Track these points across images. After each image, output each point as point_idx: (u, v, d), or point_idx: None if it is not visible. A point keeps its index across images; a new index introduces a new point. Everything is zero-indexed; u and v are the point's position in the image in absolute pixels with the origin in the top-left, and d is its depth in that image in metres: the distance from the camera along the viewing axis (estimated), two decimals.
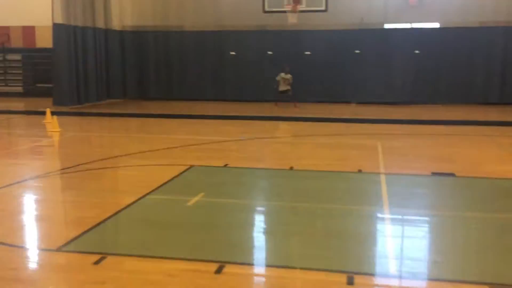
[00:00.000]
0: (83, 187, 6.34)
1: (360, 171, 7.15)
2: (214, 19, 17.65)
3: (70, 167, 7.31)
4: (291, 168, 7.33)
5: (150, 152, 8.55)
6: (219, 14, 17.57)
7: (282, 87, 14.98)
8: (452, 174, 6.90)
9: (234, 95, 17.63)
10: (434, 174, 6.93)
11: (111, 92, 17.63)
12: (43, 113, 13.59)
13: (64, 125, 11.18)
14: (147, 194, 5.89)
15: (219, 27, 17.62)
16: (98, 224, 4.81)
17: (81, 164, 7.45)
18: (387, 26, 16.78)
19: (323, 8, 14.85)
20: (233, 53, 17.65)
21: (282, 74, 14.87)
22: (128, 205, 5.45)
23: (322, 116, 13.21)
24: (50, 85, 18.14)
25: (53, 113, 12.27)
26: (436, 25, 16.41)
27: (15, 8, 19.31)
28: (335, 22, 16.45)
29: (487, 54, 15.87)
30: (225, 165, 7.55)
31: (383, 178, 6.70)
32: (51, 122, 11.57)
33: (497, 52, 15.81)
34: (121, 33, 18.01)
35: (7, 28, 19.59)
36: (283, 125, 12.35)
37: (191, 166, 7.37)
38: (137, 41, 18.25)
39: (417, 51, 16.39)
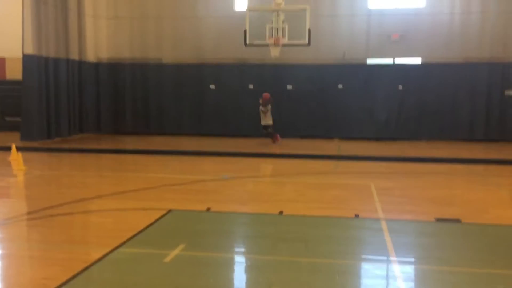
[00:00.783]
0: (45, 237, 5.50)
1: (357, 216, 6.49)
2: (194, 51, 17.14)
3: (33, 212, 6.47)
4: (281, 213, 6.63)
5: (124, 193, 7.75)
6: (200, 46, 17.08)
7: (262, 121, 14.41)
8: (458, 220, 6.29)
9: (214, 129, 17.00)
10: (438, 220, 6.31)
11: (84, 126, 16.80)
12: (9, 149, 12.68)
13: (31, 162, 10.32)
14: (119, 246, 5.10)
15: (199, 60, 17.10)
16: None
17: (46, 209, 6.62)
18: (369, 61, 16.51)
19: (305, 42, 14.45)
20: (213, 86, 17.10)
21: (261, 107, 14.32)
22: (96, 261, 4.65)
23: (307, 152, 12.62)
24: (18, 119, 17.23)
25: (19, 149, 11.40)
26: (419, 60, 16.21)
27: None
28: (318, 56, 16.11)
29: (471, 90, 15.67)
30: (208, 209, 6.81)
31: (384, 225, 6.04)
32: (17, 160, 10.67)
33: (482, 88, 15.62)
34: (96, 65, 17.33)
35: None
36: (267, 162, 11.69)
37: (170, 211, 6.60)
38: (113, 73, 17.57)
39: (400, 87, 16.10)
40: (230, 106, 16.92)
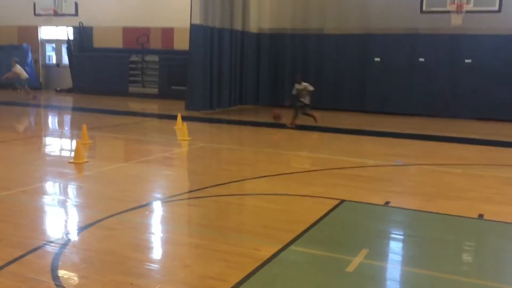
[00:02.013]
0: (208, 222, 5.01)
1: None
2: (358, 21, 15.83)
3: (196, 190, 6.09)
4: (481, 217, 5.34)
5: (285, 175, 7.07)
6: (365, 15, 15.71)
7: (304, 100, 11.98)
8: None
9: (377, 106, 15.66)
10: None
11: (244, 97, 16.70)
12: (174, 117, 12.94)
13: (194, 132, 10.24)
14: (291, 243, 4.37)
15: (363, 29, 15.76)
16: None
17: (209, 187, 6.21)
18: None
19: (495, 8, 12.29)
20: (378, 59, 15.67)
21: (296, 85, 11.92)
22: (267, 260, 3.97)
23: (494, 138, 10.76)
24: (183, 88, 17.79)
25: (184, 119, 11.48)
26: None
27: (155, 9, 19.35)
28: (509, 25, 13.67)
29: None
30: (386, 203, 5.79)
31: None
32: (181, 129, 10.72)
33: None
34: (258, 35, 16.99)
35: (147, 29, 19.71)
36: (443, 147, 10.15)
37: (342, 201, 5.72)
38: (273, 44, 17.11)
39: None
40: (396, 81, 15.39)
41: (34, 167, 7.14)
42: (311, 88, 11.67)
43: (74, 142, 9.08)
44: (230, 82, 15.63)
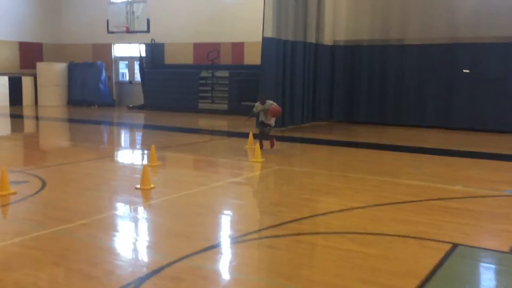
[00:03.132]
0: (291, 273, 4.13)
1: None
2: (445, 29, 14.49)
3: (274, 226, 5.24)
4: None
5: (377, 207, 6.06)
6: (452, 23, 14.35)
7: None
8: None
9: (465, 122, 14.18)
10: None
11: (317, 113, 15.77)
12: (245, 135, 12.26)
13: (266, 153, 9.45)
14: None
15: (450, 39, 14.39)
16: None
17: (288, 223, 5.34)
18: None
19: None
20: (467, 70, 14.22)
21: (257, 104, 10.31)
22: None
23: None
24: (253, 104, 17.15)
25: (255, 137, 10.76)
26: None
27: (226, 24, 18.96)
28: None
29: None
30: None
31: None
32: (253, 149, 9.98)
33: None
34: (333, 48, 16.06)
35: (217, 44, 19.35)
36: None
37: (455, 246, 4.65)
38: (349, 56, 16.10)
39: None
40: (488, 94, 13.87)
41: (98, 194, 6.60)
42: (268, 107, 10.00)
43: (142, 164, 8.56)
44: (302, 97, 14.78)
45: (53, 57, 22.69)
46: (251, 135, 10.80)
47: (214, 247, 4.62)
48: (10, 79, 20.83)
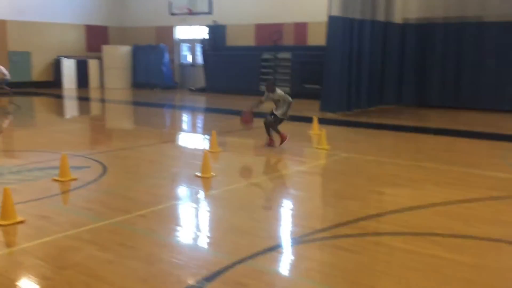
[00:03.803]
0: (370, 284, 3.63)
1: None
2: None
3: (345, 224, 4.74)
4: None
5: (462, 204, 5.39)
6: None
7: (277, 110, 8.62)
8: None
9: None
10: None
11: (384, 96, 14.93)
12: (308, 119, 11.73)
13: (332, 139, 8.88)
14: None
15: None
16: None
17: (360, 221, 4.82)
18: None
19: None
20: None
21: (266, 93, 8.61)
22: None
23: None
24: (317, 87, 16.55)
25: (319, 121, 10.23)
26: None
27: (289, 3, 18.32)
28: None
29: None
30: None
31: None
32: (318, 135, 9.45)
33: None
34: (403, 26, 15.06)
35: (280, 25, 18.76)
36: None
37: None
38: (421, 35, 15.06)
39: None
40: None
41: (158, 182, 6.35)
42: (289, 99, 8.49)
43: (203, 150, 8.27)
44: (369, 79, 13.99)
45: (118, 40, 22.99)
46: (315, 119, 10.25)
47: (278, 247, 4.19)
48: (77, 62, 21.32)
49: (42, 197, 5.49)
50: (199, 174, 6.52)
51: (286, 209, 5.42)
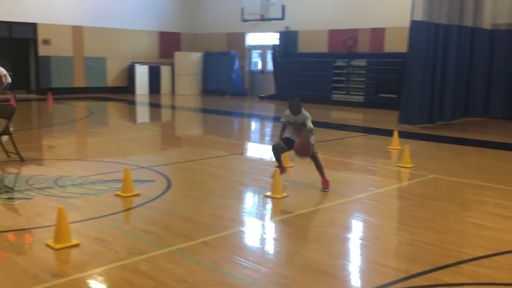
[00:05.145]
0: None
1: None
2: None
3: (448, 266, 3.96)
4: None
5: None
6: None
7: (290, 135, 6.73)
8: None
9: None
10: None
11: (470, 108, 13.70)
12: (384, 132, 10.94)
13: (413, 155, 8.01)
14: None
15: None
16: None
17: (463, 263, 4.02)
18: None
19: None
20: None
21: (287, 113, 6.68)
22: None
23: None
24: (392, 96, 15.59)
25: (400, 135, 9.39)
26: None
27: (365, 8, 17.45)
28: None
29: None
30: None
31: None
32: (399, 151, 8.62)
33: None
34: (492, 32, 13.78)
35: (355, 31, 17.91)
36: None
37: None
38: (511, 42, 13.71)
39: None
40: None
41: (224, 202, 5.84)
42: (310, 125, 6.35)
43: (273, 165, 7.69)
44: (454, 89, 12.85)
45: (189, 46, 23.07)
46: (395, 133, 9.39)
47: None
48: (150, 68, 21.55)
49: (101, 215, 5.13)
50: (269, 193, 5.95)
51: (368, 243, 4.69)
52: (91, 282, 3.66)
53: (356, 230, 5.06)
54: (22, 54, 20.02)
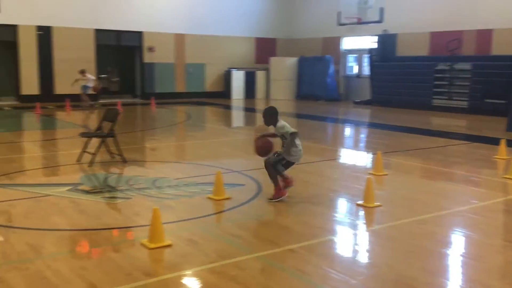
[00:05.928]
0: None
1: None
2: None
3: None
4: None
5: None
6: None
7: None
8: None
9: None
10: None
11: None
12: (491, 141, 10.19)
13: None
14: None
15: None
16: None
17: None
18: None
19: None
20: None
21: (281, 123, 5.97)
22: None
23: None
24: (500, 102, 14.50)
25: (507, 144, 8.68)
26: None
27: (469, 9, 16.41)
28: None
29: None
30: None
31: None
32: (507, 162, 7.96)
33: None
34: None
35: (459, 32, 16.92)
36: None
37: None
38: None
39: None
40: None
41: (314, 209, 5.74)
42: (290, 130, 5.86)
43: (366, 172, 7.45)
44: None
45: (285, 51, 23.22)
46: (503, 142, 8.69)
47: None
48: (246, 73, 22.02)
49: (194, 217, 5.28)
50: (361, 202, 5.76)
51: (469, 260, 4.35)
52: (181, 284, 3.75)
53: (456, 246, 4.72)
54: (129, 61, 21.37)
